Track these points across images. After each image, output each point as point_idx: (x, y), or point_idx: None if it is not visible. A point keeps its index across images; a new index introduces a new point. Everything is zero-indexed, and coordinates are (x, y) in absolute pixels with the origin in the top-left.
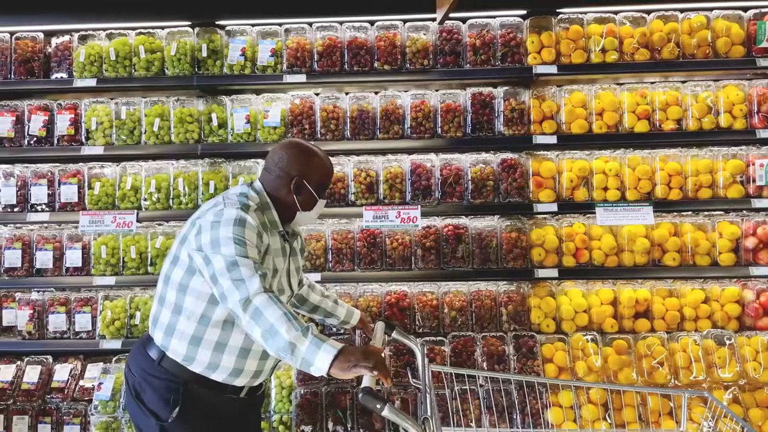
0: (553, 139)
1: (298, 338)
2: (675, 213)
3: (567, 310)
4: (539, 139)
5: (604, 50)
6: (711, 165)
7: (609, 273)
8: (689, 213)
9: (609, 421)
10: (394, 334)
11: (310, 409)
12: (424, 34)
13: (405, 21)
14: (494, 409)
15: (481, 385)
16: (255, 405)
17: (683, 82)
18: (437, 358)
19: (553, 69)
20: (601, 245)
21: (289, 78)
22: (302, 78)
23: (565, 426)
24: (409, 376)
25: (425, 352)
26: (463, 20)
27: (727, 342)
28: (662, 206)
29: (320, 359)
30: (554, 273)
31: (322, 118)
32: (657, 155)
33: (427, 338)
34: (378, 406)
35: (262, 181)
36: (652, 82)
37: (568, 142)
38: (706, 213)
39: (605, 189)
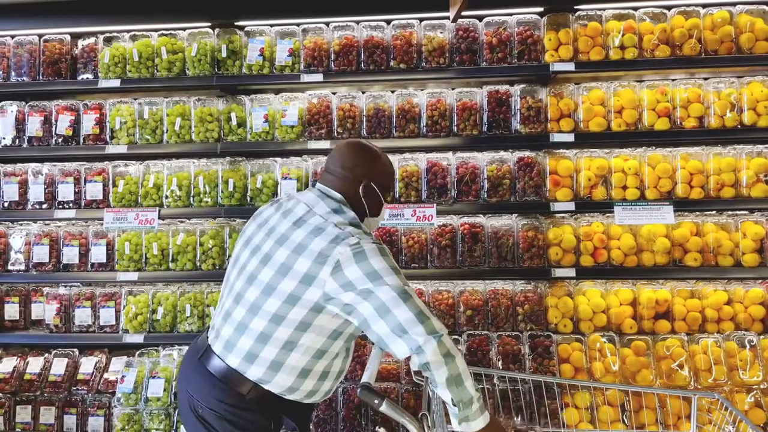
0: (570, 137)
1: (476, 396)
2: (697, 212)
3: (585, 310)
4: (556, 137)
5: (623, 47)
6: (734, 163)
7: (628, 273)
8: (711, 212)
9: (626, 422)
10: None
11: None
12: (441, 33)
13: (421, 20)
14: (510, 408)
15: (495, 385)
16: None
17: (705, 79)
18: None
19: (571, 66)
20: (620, 245)
21: (306, 77)
22: (319, 77)
23: (581, 427)
24: (412, 373)
25: None
26: (480, 18)
27: (749, 345)
28: (683, 205)
29: (477, 423)
30: (571, 272)
31: (339, 117)
32: (678, 153)
33: None
34: (376, 401)
35: (332, 187)
36: (673, 79)
37: (585, 140)
38: (729, 212)
39: (624, 188)
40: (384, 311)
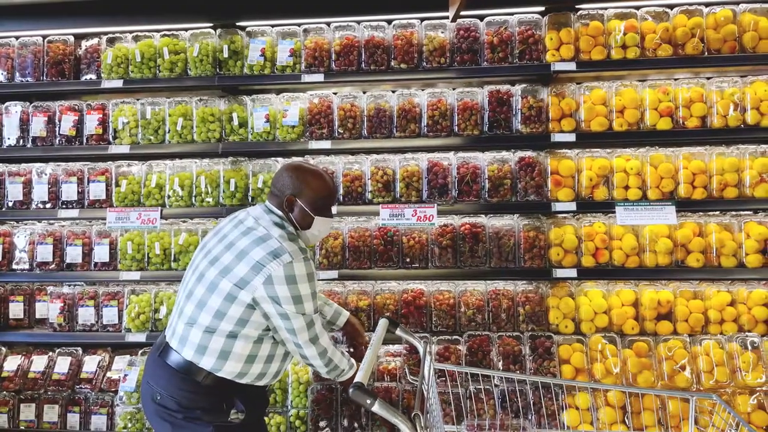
0: (571, 137)
1: (348, 367)
2: (700, 213)
3: (586, 310)
4: (557, 137)
5: (624, 46)
6: (737, 163)
7: (629, 274)
8: (714, 213)
9: (627, 424)
10: (398, 331)
11: (326, 404)
12: (442, 33)
13: (422, 20)
14: (509, 409)
15: (496, 385)
16: None
17: (708, 78)
18: (452, 357)
19: (572, 66)
20: (622, 245)
21: (307, 78)
22: (320, 77)
23: (581, 428)
24: (407, 373)
25: (430, 349)
26: (481, 18)
27: (751, 346)
28: (685, 206)
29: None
30: (573, 273)
31: (340, 117)
32: (680, 153)
33: (443, 337)
34: (368, 401)
35: (273, 204)
36: (676, 79)
37: (587, 140)
38: (733, 213)
39: (626, 188)
40: (292, 333)
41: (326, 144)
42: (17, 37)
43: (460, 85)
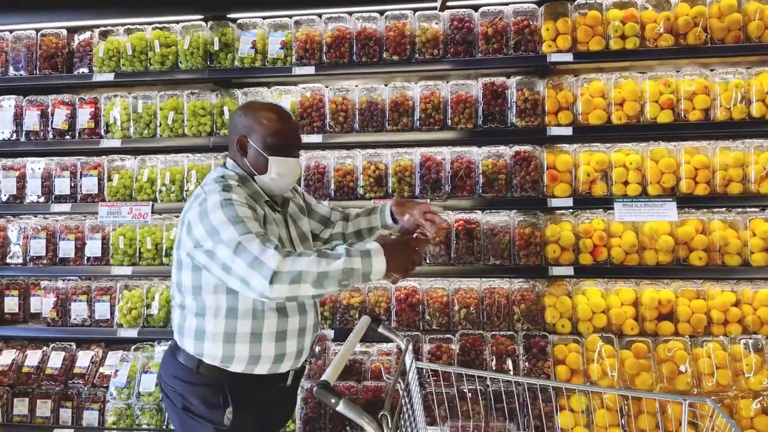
0: (568, 131)
1: (345, 263)
2: (704, 209)
3: (584, 310)
4: (554, 131)
5: (624, 36)
6: (742, 158)
7: (628, 272)
8: (718, 209)
9: (624, 428)
10: (381, 329)
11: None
12: (436, 24)
13: (415, 10)
14: (504, 410)
15: (487, 386)
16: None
17: (711, 69)
18: (444, 356)
19: (569, 57)
20: (621, 243)
21: (297, 70)
22: (311, 70)
23: (576, 431)
24: (383, 372)
25: (412, 348)
26: (475, 8)
27: (755, 348)
28: (687, 202)
29: (374, 264)
30: (569, 271)
31: (331, 111)
32: (682, 147)
33: (435, 335)
34: (333, 400)
35: (229, 155)
36: (678, 71)
37: (584, 133)
38: (739, 210)
39: (625, 183)
40: (227, 269)
41: (317, 138)
42: (11, 31)
43: (454, 78)
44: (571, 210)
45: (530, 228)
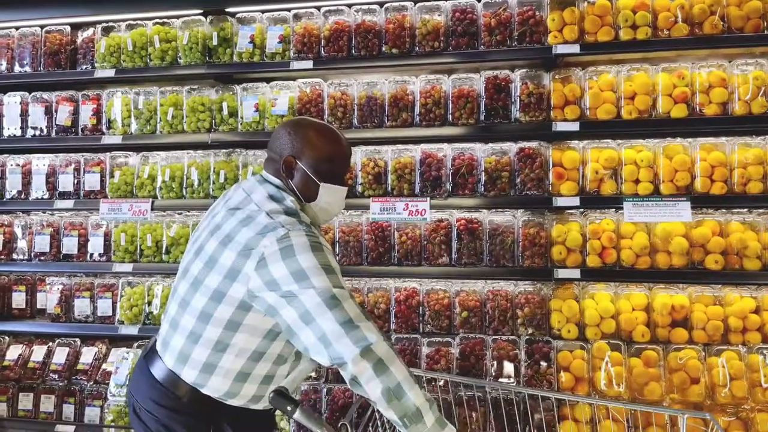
0: (575, 126)
1: (424, 407)
2: (721, 210)
3: (592, 315)
4: (560, 126)
5: (634, 26)
6: (762, 155)
7: (639, 275)
8: (737, 210)
9: None
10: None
11: None
12: (438, 15)
13: (416, 1)
14: (503, 418)
15: (486, 393)
16: None
17: (729, 60)
18: (442, 360)
19: (576, 48)
20: (632, 244)
21: (296, 65)
22: (309, 64)
23: None
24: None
25: None
26: None
27: None
28: (703, 202)
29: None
30: (576, 274)
31: (330, 106)
32: (698, 144)
33: (434, 338)
34: (289, 408)
35: (269, 171)
36: (693, 62)
37: (592, 129)
38: (762, 210)
39: (636, 182)
40: (308, 319)
41: None
42: (17, 28)
43: (456, 71)
44: (580, 210)
45: (535, 228)
